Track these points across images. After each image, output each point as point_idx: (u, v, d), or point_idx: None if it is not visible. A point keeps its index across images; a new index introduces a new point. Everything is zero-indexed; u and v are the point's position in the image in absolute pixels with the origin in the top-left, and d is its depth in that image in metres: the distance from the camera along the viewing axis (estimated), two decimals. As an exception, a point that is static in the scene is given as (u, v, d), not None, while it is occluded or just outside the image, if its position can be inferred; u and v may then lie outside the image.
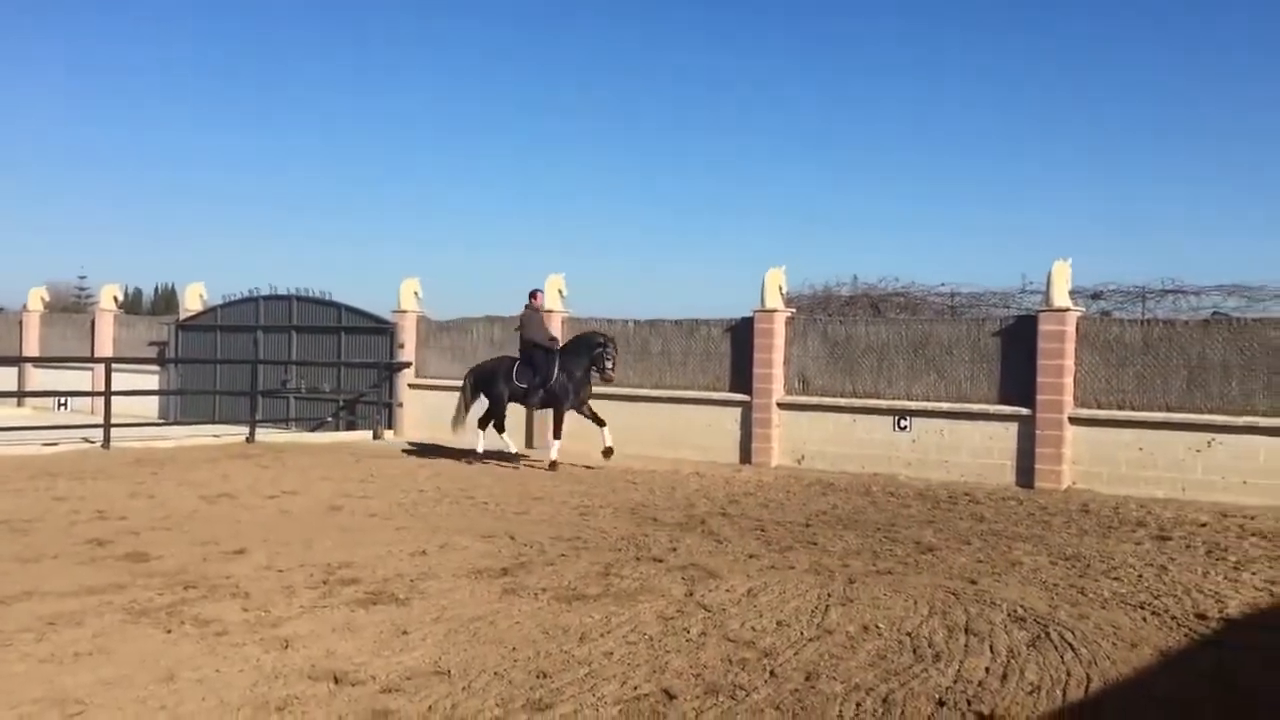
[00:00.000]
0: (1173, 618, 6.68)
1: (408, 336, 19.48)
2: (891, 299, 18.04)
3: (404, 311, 19.56)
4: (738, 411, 15.87)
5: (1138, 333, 13.25)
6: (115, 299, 24.23)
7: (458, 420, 15.70)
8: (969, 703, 4.93)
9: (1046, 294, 13.73)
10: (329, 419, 20.03)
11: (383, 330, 19.76)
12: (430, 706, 4.75)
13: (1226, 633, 6.38)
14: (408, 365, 19.42)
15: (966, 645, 5.93)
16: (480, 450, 15.41)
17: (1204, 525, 10.59)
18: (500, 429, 15.44)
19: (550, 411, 15.29)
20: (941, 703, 4.93)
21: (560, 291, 17.81)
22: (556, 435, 14.81)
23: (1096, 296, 15.71)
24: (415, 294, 19.68)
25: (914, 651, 5.78)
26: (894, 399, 14.68)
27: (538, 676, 5.19)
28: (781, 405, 15.52)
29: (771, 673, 5.33)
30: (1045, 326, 13.59)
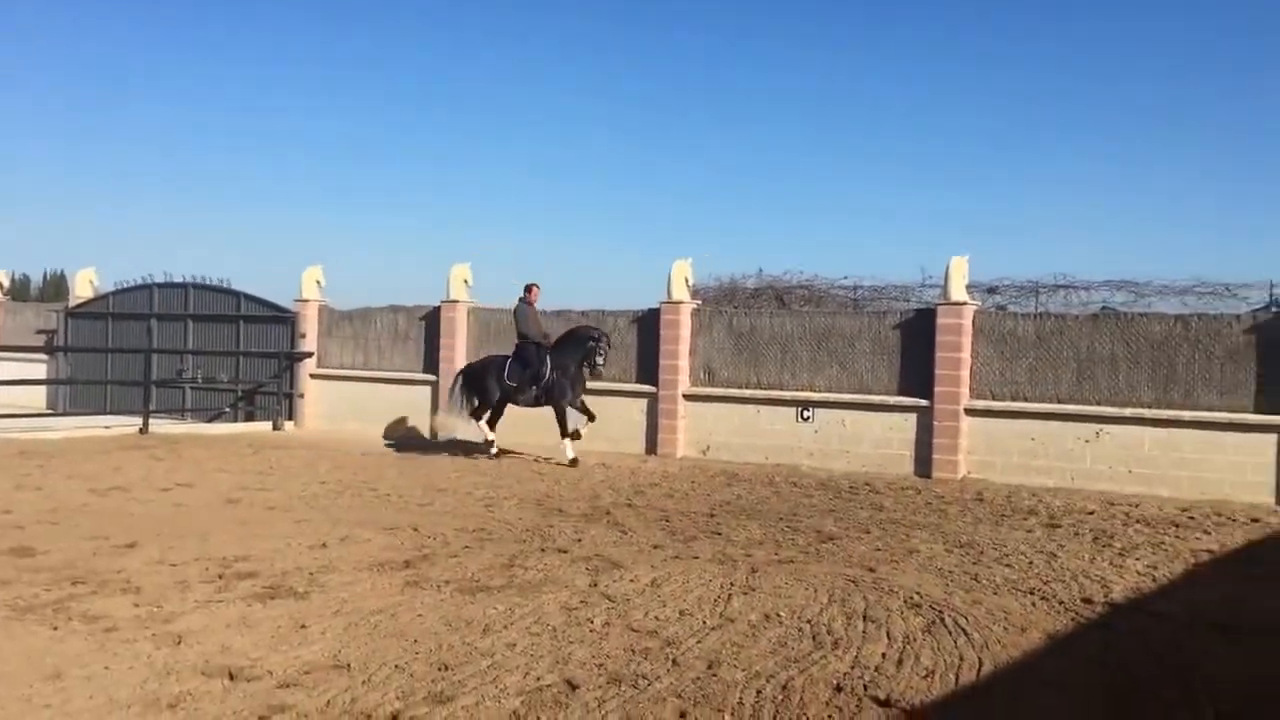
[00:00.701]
0: (1061, 602, 6.90)
1: (309, 326, 19.11)
2: (796, 291, 18.28)
3: (306, 300, 19.18)
4: (643, 402, 15.92)
5: (1031, 326, 13.64)
6: (0, 285, 23.32)
7: (447, 416, 15.39)
8: (865, 688, 5.04)
9: (944, 288, 14.05)
10: (227, 410, 19.56)
11: (283, 319, 19.36)
12: (329, 701, 4.68)
13: (1111, 616, 6.62)
14: (309, 355, 19.06)
15: (864, 632, 6.06)
16: (493, 451, 14.83)
17: (1092, 513, 10.96)
18: (491, 425, 15.03)
19: (545, 409, 14.80)
20: (839, 688, 5.03)
21: (465, 281, 17.67)
22: (564, 434, 14.33)
23: (993, 291, 16.12)
24: (317, 283, 19.29)
25: (814, 638, 5.89)
26: (798, 390, 14.88)
27: (440, 669, 5.16)
28: (687, 396, 15.62)
29: (674, 661, 5.38)
30: (943, 320, 13.91)
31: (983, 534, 9.55)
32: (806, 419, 14.71)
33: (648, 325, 16.12)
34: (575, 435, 14.31)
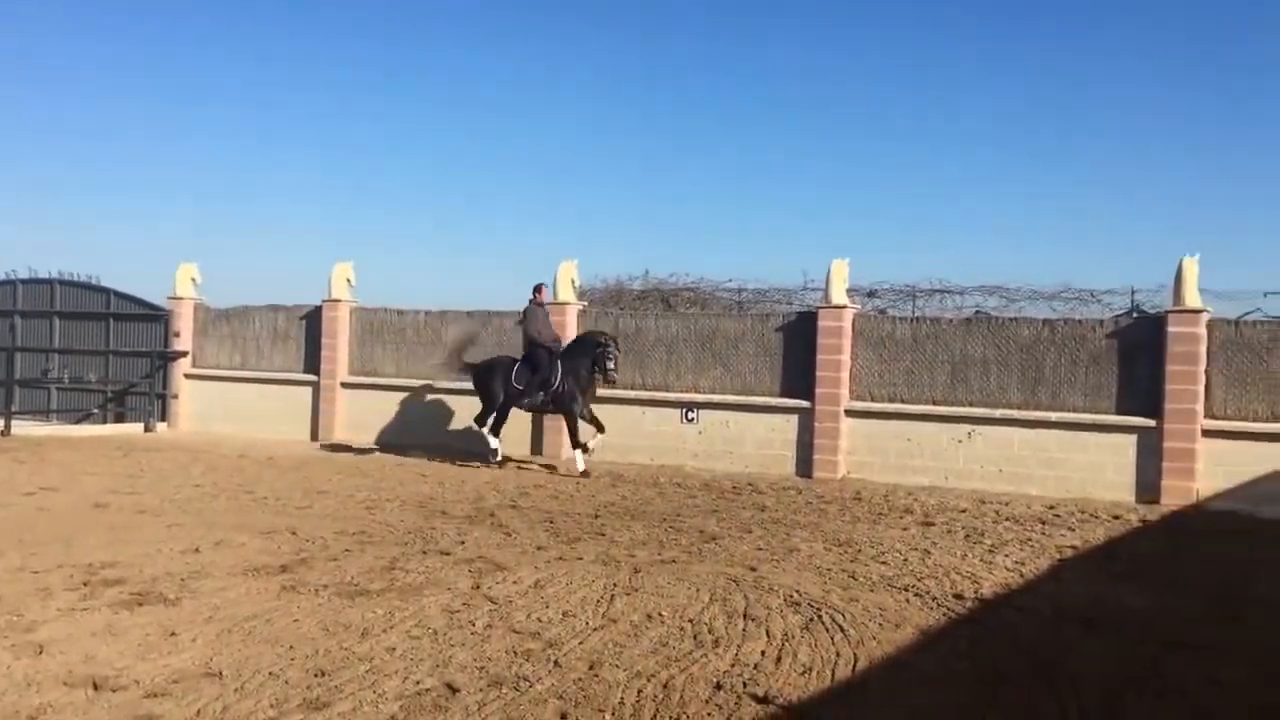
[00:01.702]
0: (934, 599, 7.11)
1: (184, 324, 18.55)
2: (682, 293, 18.42)
3: (180, 298, 18.61)
4: (529, 403, 15.84)
5: (908, 330, 14.01)
6: None
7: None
8: (745, 685, 5.11)
9: (826, 292, 14.33)
10: (95, 411, 18.87)
11: (156, 317, 18.74)
12: (199, 710, 4.55)
13: (981, 612, 6.84)
14: (184, 354, 18.50)
15: (745, 630, 6.14)
16: (497, 459, 14.30)
17: (964, 511, 11.32)
18: (495, 430, 14.43)
19: (552, 415, 14.53)
20: (719, 686, 5.09)
21: (348, 280, 17.39)
22: (574, 444, 13.86)
23: (872, 294, 16.50)
24: (193, 280, 18.73)
25: (695, 638, 5.95)
26: (682, 392, 15.00)
27: (316, 675, 5.06)
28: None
29: (556, 663, 5.37)
30: (824, 323, 14.20)
31: (861, 532, 9.77)
32: (691, 420, 14.84)
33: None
34: (585, 448, 13.75)
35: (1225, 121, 39.81)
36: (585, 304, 16.16)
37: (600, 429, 13.82)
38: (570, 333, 15.65)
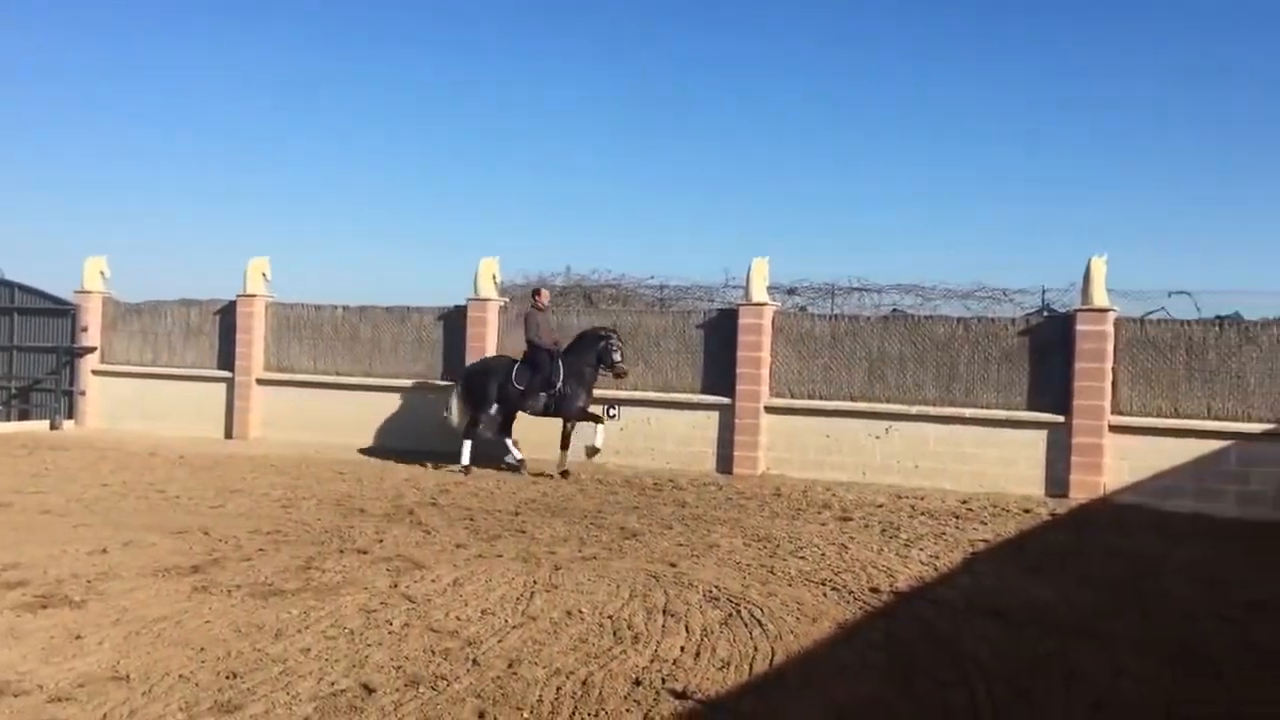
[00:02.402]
0: (850, 592, 7.21)
1: (92, 319, 18.03)
2: (604, 290, 18.39)
3: (88, 292, 18.08)
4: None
5: (827, 327, 14.18)
6: None
7: (453, 418, 14.02)
8: (664, 681, 5.14)
9: (746, 289, 14.44)
10: (-2, 408, 18.26)
11: (63, 312, 18.19)
12: (105, 715, 4.44)
13: (896, 605, 6.95)
14: (92, 350, 17.99)
15: (664, 626, 6.17)
16: (516, 458, 13.73)
17: (881, 506, 11.50)
18: (506, 432, 13.91)
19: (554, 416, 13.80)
20: (638, 682, 5.11)
21: (264, 275, 17.07)
22: (565, 445, 13.44)
23: (792, 292, 16.64)
24: (101, 273, 18.21)
25: (614, 634, 5.95)
26: (604, 388, 14.98)
27: (227, 677, 4.96)
28: (494, 394, 15.50)
29: (474, 661, 5.34)
30: (745, 320, 14.30)
31: (779, 528, 9.87)
32: (613, 416, 14.83)
33: (454, 323, 15.96)
34: (591, 451, 13.30)
35: (1131, 122, 41.00)
36: (507, 300, 16.07)
37: (598, 422, 13.48)
38: (490, 331, 15.57)
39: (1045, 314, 13.77)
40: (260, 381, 16.97)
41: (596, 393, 14.00)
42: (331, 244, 50.04)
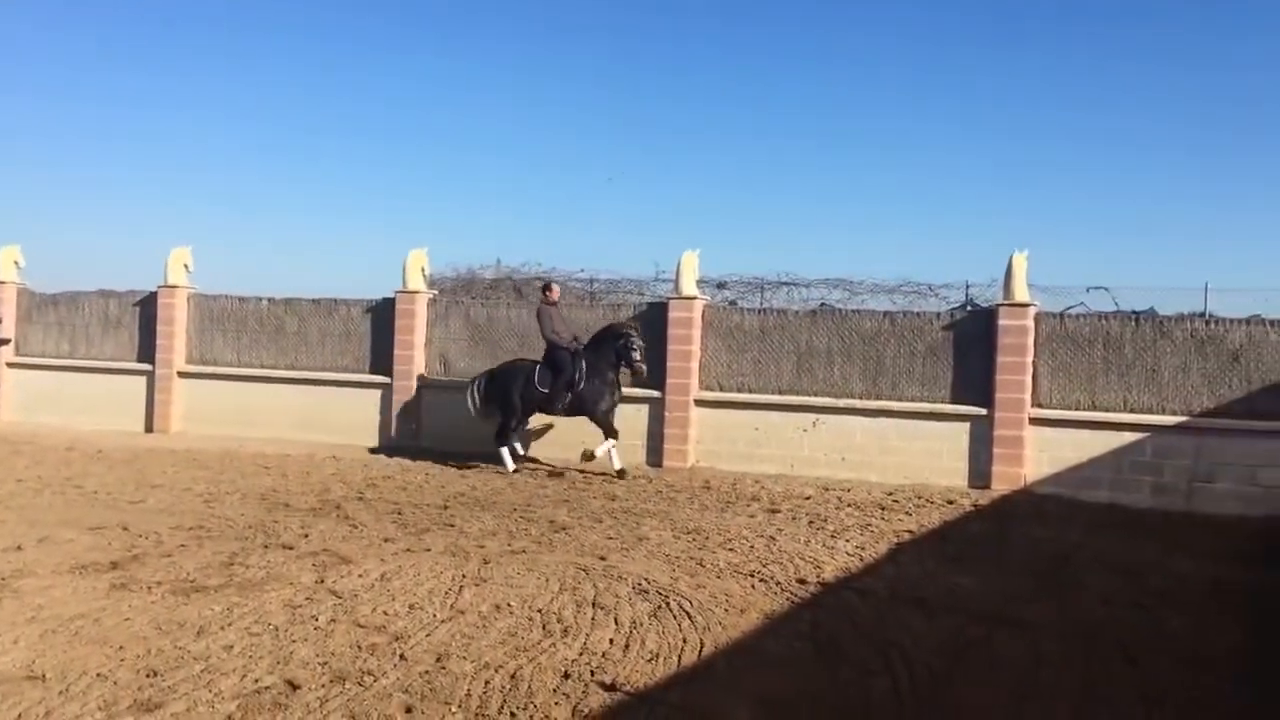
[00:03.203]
0: (778, 584, 7.29)
1: (7, 310, 17.51)
2: (534, 283, 18.33)
3: (2, 283, 17.56)
4: (378, 394, 15.58)
5: (755, 321, 14.29)
6: None
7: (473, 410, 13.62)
8: (593, 673, 5.15)
9: (676, 283, 14.48)
10: (-94, 402, 17.66)
11: (-25, 303, 17.64)
12: (20, 715, 4.34)
13: (822, 595, 7.05)
14: (6, 342, 17.48)
15: (594, 619, 6.19)
16: (513, 465, 13.29)
17: (808, 498, 11.63)
18: (506, 439, 13.45)
19: (580, 418, 13.42)
20: (567, 675, 5.12)
21: (186, 266, 16.74)
22: (609, 435, 12.96)
23: (722, 286, 16.73)
24: (16, 264, 17.70)
25: (544, 627, 5.96)
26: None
27: (148, 675, 4.88)
28: (424, 387, 15.40)
29: (401, 656, 5.31)
30: (675, 313, 14.35)
31: (709, 520, 9.93)
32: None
33: (382, 315, 15.79)
34: (587, 455, 12.91)
35: (1051, 119, 41.89)
36: (435, 293, 15.95)
37: (614, 435, 13.06)
38: (419, 324, 15.44)
39: (969, 309, 14.01)
40: (182, 374, 16.63)
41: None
42: (257, 235, 49.18)
